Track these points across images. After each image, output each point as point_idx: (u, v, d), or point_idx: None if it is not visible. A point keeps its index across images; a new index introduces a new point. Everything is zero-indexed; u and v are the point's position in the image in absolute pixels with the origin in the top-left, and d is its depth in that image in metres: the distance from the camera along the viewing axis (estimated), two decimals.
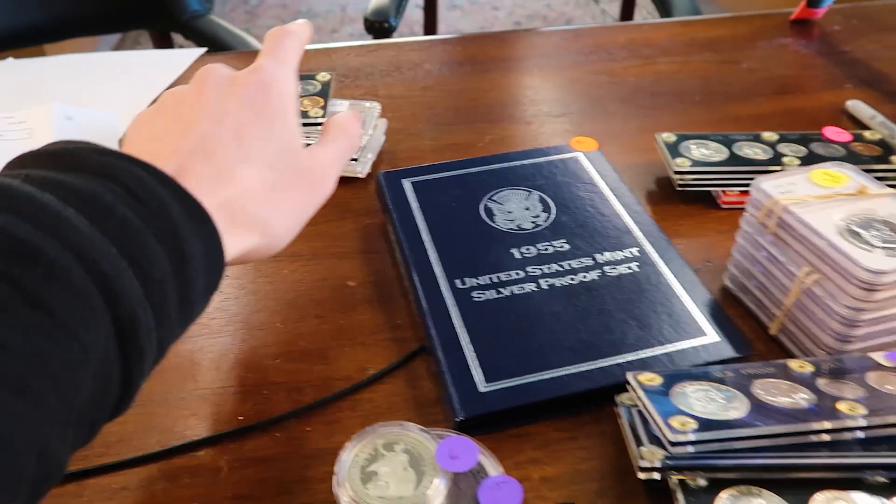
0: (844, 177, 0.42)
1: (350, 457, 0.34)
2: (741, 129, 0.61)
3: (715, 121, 0.66)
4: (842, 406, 0.33)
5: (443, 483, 0.33)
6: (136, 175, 0.27)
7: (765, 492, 0.32)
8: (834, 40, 0.81)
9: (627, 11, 1.62)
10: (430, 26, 1.74)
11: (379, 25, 1.42)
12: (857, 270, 0.36)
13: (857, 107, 0.65)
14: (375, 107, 0.60)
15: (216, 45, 1.14)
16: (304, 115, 0.55)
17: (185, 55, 0.74)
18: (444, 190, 0.51)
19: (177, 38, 1.25)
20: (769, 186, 0.41)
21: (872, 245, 0.37)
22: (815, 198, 0.41)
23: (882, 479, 0.32)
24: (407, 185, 0.52)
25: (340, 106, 0.60)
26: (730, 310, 0.45)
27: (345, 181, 0.57)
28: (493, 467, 0.35)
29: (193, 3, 1.30)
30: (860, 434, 0.33)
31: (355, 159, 0.56)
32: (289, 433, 0.38)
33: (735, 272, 0.45)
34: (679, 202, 0.55)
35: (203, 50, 0.77)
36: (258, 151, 0.33)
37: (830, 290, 0.38)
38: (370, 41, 0.82)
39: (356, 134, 0.39)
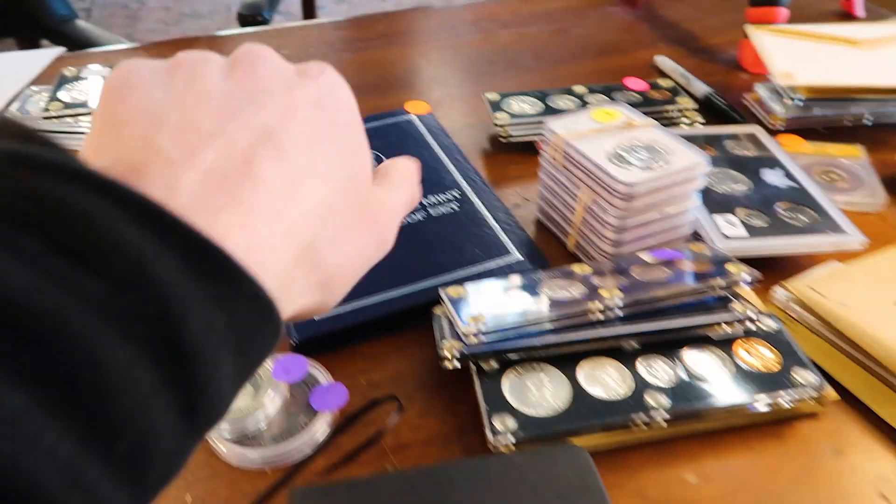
0: (618, 113, 0.50)
1: None
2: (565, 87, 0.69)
3: (545, 82, 0.74)
4: (603, 292, 0.40)
5: (276, 393, 0.39)
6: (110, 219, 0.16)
7: (545, 366, 0.39)
8: (654, 6, 0.91)
9: None
10: (308, 16, 1.78)
11: (252, 19, 1.44)
12: (617, 185, 0.43)
13: (664, 61, 0.74)
14: None
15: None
16: None
17: (40, 56, 0.76)
18: None
19: (48, 45, 1.24)
20: (556, 125, 0.49)
21: (631, 164, 0.45)
22: (592, 132, 0.48)
23: (635, 345, 0.40)
24: None
25: None
26: (540, 235, 0.53)
27: None
28: (323, 377, 0.41)
29: (60, 8, 1.28)
30: (619, 312, 0.40)
31: None
32: None
33: (542, 203, 0.53)
34: (506, 152, 0.62)
35: (61, 49, 0.79)
36: (329, 168, 0.23)
37: (602, 205, 0.45)
38: (223, 32, 0.86)
39: (418, 184, 0.30)
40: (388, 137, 0.58)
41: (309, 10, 1.76)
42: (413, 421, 0.39)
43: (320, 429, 0.38)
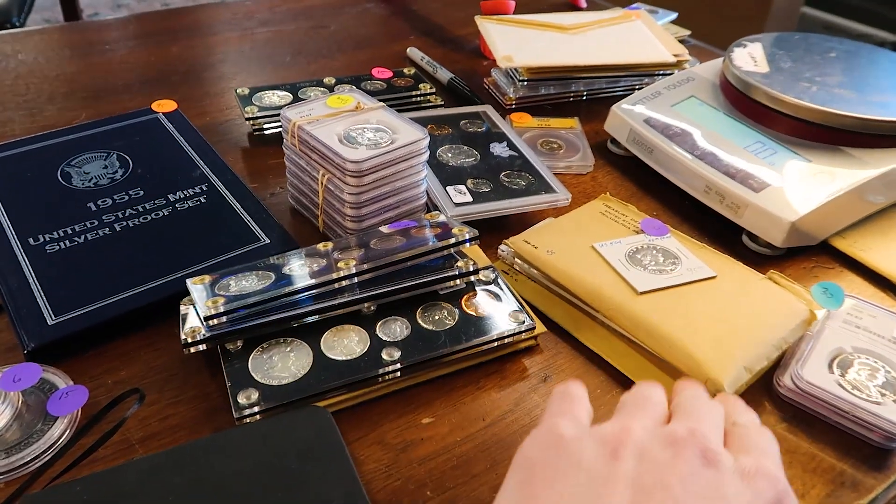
0: (350, 98, 0.53)
1: None
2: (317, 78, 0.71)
3: (303, 76, 0.76)
4: (341, 264, 0.43)
5: (6, 403, 0.37)
6: None
7: (292, 340, 0.42)
8: (406, 2, 0.96)
9: None
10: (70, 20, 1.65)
11: (1, 26, 1.33)
12: (346, 164, 0.47)
13: (413, 52, 0.80)
14: None
15: None
16: None
17: None
18: (19, 164, 0.53)
19: None
20: (290, 112, 0.51)
21: (360, 144, 0.48)
22: (326, 116, 0.51)
23: (373, 308, 0.43)
24: None
25: None
26: (296, 219, 0.55)
27: None
28: (62, 382, 0.40)
29: None
30: (356, 280, 0.43)
31: None
32: None
33: (291, 189, 0.55)
34: (262, 145, 0.63)
35: None
36: None
37: (338, 184, 0.48)
38: None
39: None
40: (132, 137, 0.57)
41: (72, 16, 1.64)
42: (163, 411, 0.40)
43: (60, 433, 0.37)
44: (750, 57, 0.62)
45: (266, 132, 0.62)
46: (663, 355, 0.41)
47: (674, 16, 0.88)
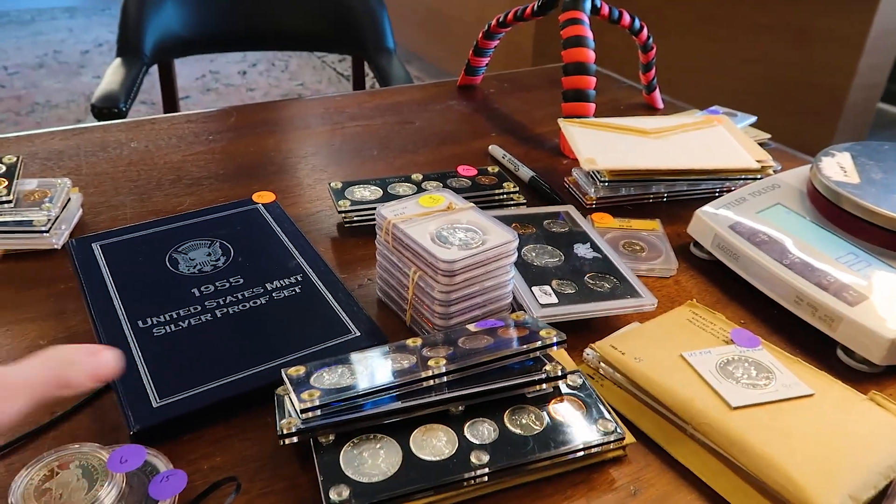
0: (442, 199, 0.55)
1: (23, 481, 0.38)
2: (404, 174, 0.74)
3: (390, 170, 0.79)
4: (431, 362, 0.44)
5: (112, 484, 0.39)
6: None
7: (381, 436, 0.42)
8: (488, 100, 1.01)
9: (359, 83, 1.79)
10: (169, 108, 1.77)
11: (108, 111, 1.42)
12: (438, 263, 0.48)
13: (495, 150, 0.83)
14: (66, 182, 0.64)
15: None
16: None
17: None
18: (132, 248, 0.57)
19: None
20: (385, 210, 0.53)
21: (451, 244, 0.50)
22: (418, 215, 0.53)
23: (461, 408, 0.44)
24: (96, 248, 0.57)
25: (29, 184, 0.63)
26: (382, 312, 0.56)
27: (39, 254, 0.60)
28: (163, 465, 0.41)
29: None
30: (445, 379, 0.44)
31: (47, 231, 0.60)
32: None
33: (380, 283, 0.57)
34: (351, 237, 0.66)
35: None
36: None
37: (429, 281, 0.50)
38: (72, 126, 0.85)
39: (68, 367, 0.36)
40: (234, 226, 0.60)
41: (170, 99, 1.76)
42: (253, 502, 0.40)
43: None
44: (839, 166, 0.62)
45: (356, 224, 0.65)
46: (760, 476, 0.40)
47: (753, 119, 0.89)
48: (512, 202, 0.70)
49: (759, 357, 0.48)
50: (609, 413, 0.44)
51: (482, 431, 0.43)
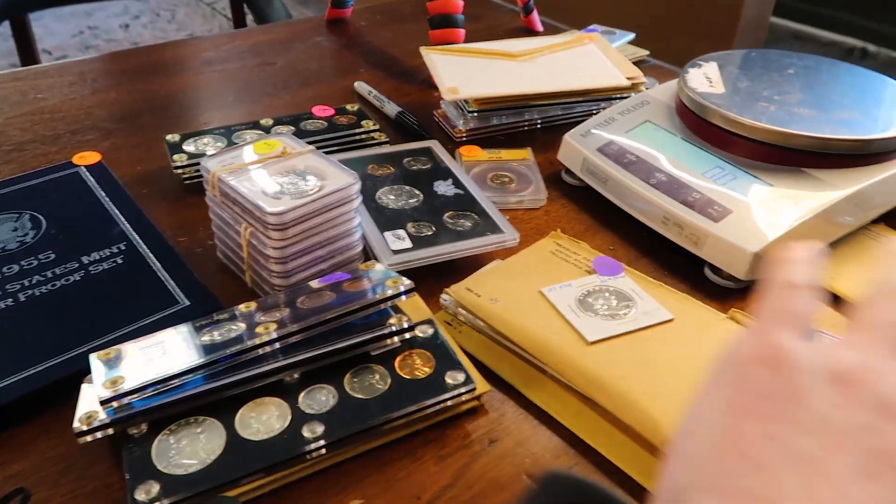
0: (277, 143, 0.50)
1: None
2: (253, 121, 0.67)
3: (244, 117, 0.72)
4: (259, 328, 0.39)
5: None
6: None
7: (203, 419, 0.37)
8: (359, 34, 0.94)
9: (239, 25, 1.65)
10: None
11: None
12: (267, 216, 0.43)
13: (360, 86, 0.76)
14: None
15: None
16: None
17: None
18: None
19: None
20: (210, 162, 0.47)
21: (284, 193, 0.44)
22: (249, 164, 0.47)
23: (296, 377, 0.39)
24: None
25: None
26: (225, 276, 0.51)
27: None
28: None
29: None
30: (277, 346, 0.39)
31: None
32: None
33: (219, 244, 0.51)
34: (192, 195, 0.59)
35: None
36: None
37: (261, 238, 0.44)
38: None
39: None
40: (49, 195, 0.53)
41: (30, 61, 1.60)
42: None
43: None
44: (705, 77, 0.59)
45: (196, 181, 0.59)
46: (617, 413, 0.37)
47: (631, 36, 0.86)
48: (373, 141, 0.64)
49: (621, 285, 0.45)
50: (461, 363, 0.41)
51: (319, 399, 0.38)
